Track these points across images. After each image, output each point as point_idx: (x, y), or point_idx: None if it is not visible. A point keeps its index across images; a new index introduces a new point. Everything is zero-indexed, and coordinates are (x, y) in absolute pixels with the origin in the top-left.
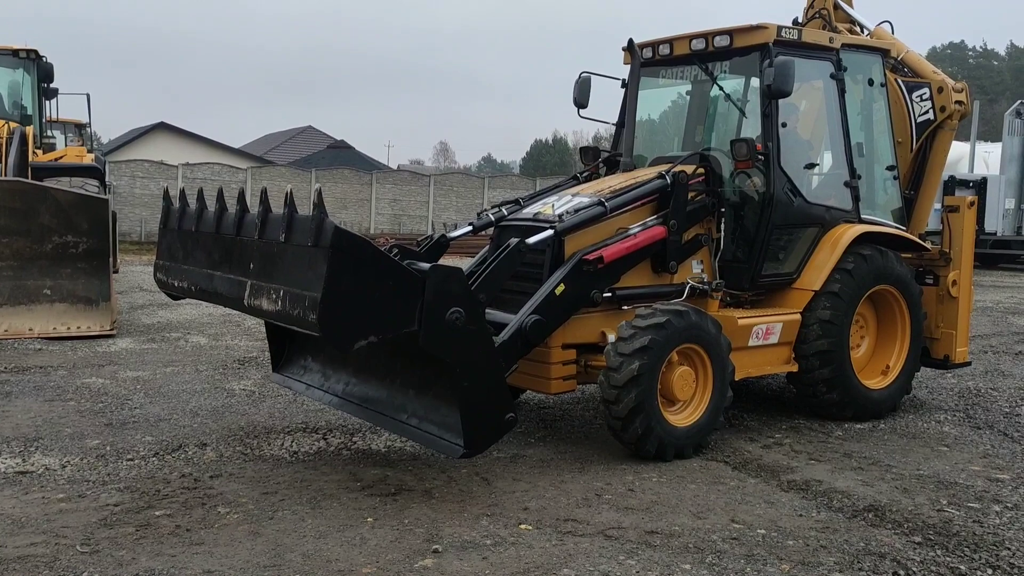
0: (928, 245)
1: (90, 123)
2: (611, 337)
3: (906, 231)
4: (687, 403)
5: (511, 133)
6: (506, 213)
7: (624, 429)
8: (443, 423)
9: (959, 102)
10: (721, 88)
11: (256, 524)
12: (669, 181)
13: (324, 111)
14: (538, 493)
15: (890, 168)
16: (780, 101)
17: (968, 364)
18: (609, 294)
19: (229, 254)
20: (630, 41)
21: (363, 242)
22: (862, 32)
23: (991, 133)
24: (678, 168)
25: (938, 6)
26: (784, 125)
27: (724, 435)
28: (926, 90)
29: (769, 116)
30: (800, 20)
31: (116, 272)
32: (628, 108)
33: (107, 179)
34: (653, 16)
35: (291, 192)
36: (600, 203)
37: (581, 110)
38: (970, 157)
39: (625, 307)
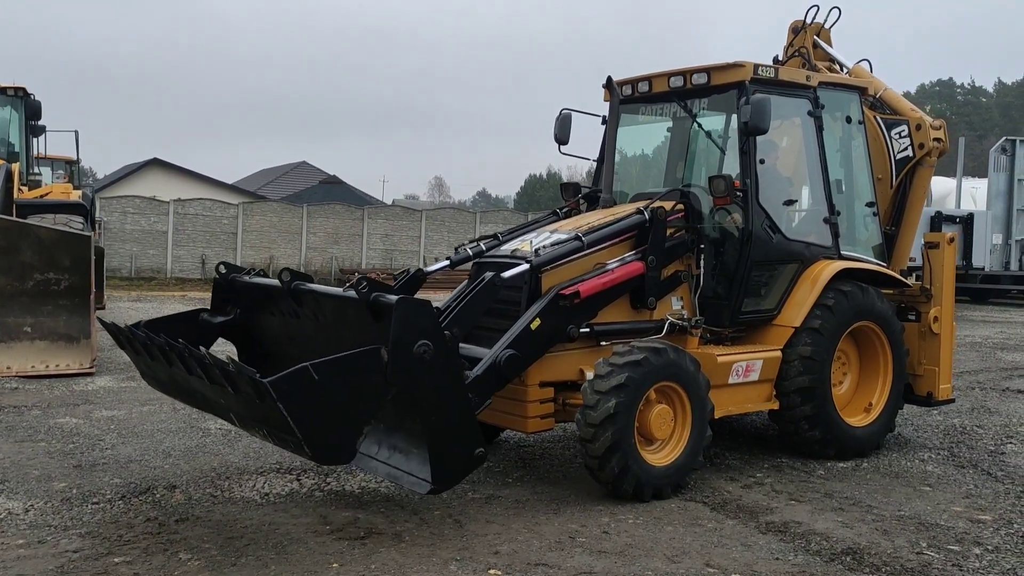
0: (909, 281)
1: (79, 159)
2: (589, 374)
3: (887, 267)
4: (665, 442)
5: (506, 168)
6: (484, 248)
7: (601, 468)
8: (411, 458)
9: (937, 139)
10: (700, 125)
11: (217, 571)
12: (647, 217)
13: (319, 147)
14: (511, 536)
15: (869, 204)
16: (758, 138)
17: (952, 401)
18: (587, 330)
19: (200, 386)
20: (609, 79)
21: (302, 370)
22: (841, 70)
23: (980, 169)
24: (657, 204)
25: (927, 44)
26: (762, 162)
27: (704, 474)
28: (904, 127)
29: (747, 153)
30: (780, 58)
31: (103, 308)
32: (607, 145)
33: (96, 215)
34: (650, 52)
35: (208, 351)
36: (577, 238)
37: (562, 146)
38: (956, 193)
39: (604, 343)
